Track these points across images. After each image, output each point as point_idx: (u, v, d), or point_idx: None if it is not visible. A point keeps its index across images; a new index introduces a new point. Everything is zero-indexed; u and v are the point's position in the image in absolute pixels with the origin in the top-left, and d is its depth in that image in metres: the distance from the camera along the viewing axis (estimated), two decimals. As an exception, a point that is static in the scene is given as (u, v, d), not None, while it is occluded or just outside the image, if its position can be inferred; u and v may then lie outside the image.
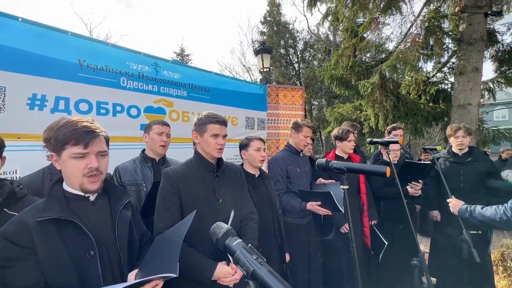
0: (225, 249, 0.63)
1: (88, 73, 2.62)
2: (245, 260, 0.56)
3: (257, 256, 0.57)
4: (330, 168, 1.11)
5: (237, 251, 0.58)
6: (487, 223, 1.70)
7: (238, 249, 0.59)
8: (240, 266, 0.56)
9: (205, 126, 1.44)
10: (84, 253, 0.97)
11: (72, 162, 0.98)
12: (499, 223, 1.64)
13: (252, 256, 0.56)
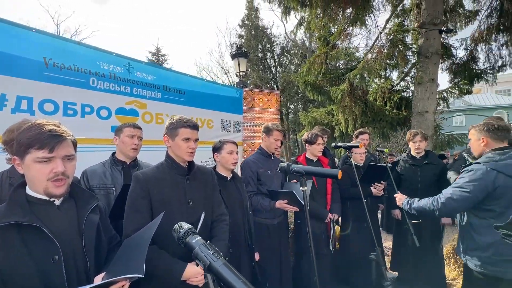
0: (186, 246, 0.68)
1: (55, 72, 2.52)
2: (203, 255, 0.62)
3: (214, 251, 0.63)
4: (291, 172, 1.21)
5: (196, 247, 0.64)
6: (422, 213, 1.98)
7: (197, 246, 0.65)
8: (199, 260, 0.62)
9: (176, 130, 1.47)
10: (48, 258, 0.96)
11: (36, 166, 0.97)
12: (429, 212, 1.92)
13: (209, 251, 0.62)
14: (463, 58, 5.82)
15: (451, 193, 1.85)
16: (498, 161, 1.72)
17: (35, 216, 0.98)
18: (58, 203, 1.07)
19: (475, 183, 1.73)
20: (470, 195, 1.74)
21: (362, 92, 4.91)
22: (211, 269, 0.59)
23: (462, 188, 1.79)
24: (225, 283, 0.56)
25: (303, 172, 1.17)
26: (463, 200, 1.78)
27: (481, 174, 1.73)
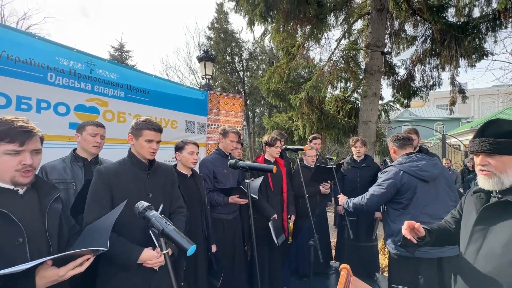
0: (145, 219, 0.88)
1: (8, 65, 2.45)
2: (158, 223, 0.82)
3: (166, 221, 0.84)
4: (238, 167, 1.46)
5: (152, 219, 0.85)
6: (357, 209, 2.39)
7: (153, 217, 0.85)
8: (154, 228, 0.83)
9: (141, 131, 1.62)
10: (12, 240, 1.07)
11: (5, 158, 1.07)
12: (360, 207, 2.34)
13: (162, 221, 0.83)
14: (404, 76, 6.73)
15: (373, 190, 2.31)
16: (404, 164, 2.19)
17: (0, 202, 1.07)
18: (22, 192, 1.17)
19: (389, 181, 2.17)
20: (385, 191, 2.19)
21: (318, 101, 5.41)
22: (163, 233, 0.80)
23: (380, 185, 2.24)
24: (175, 242, 0.77)
25: (247, 167, 1.42)
26: (381, 195, 2.23)
27: (392, 174, 2.18)
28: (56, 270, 0.99)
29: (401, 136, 2.33)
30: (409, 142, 2.31)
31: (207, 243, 2.30)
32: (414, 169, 2.17)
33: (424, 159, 2.22)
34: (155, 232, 0.82)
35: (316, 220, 3.64)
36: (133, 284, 1.49)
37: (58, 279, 0.99)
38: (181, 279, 1.96)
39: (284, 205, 3.27)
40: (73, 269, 1.01)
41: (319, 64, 4.75)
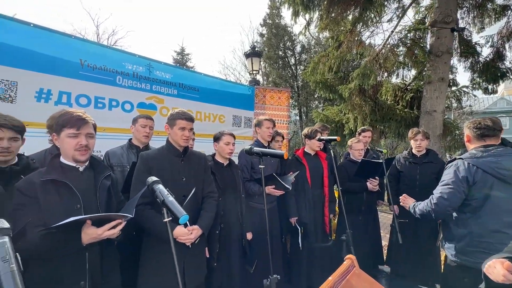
0: (152, 191, 1.01)
1: (88, 71, 3.02)
2: (160, 195, 0.94)
3: (168, 193, 0.95)
4: (252, 153, 1.49)
5: (157, 191, 0.97)
6: (425, 217, 2.01)
7: (158, 190, 0.97)
8: (158, 199, 0.94)
9: (175, 120, 1.82)
10: (72, 206, 1.35)
11: (67, 139, 1.37)
12: (427, 215, 1.95)
13: (164, 193, 0.94)
14: (489, 56, 5.56)
15: (440, 192, 1.87)
16: (480, 158, 1.78)
17: (65, 176, 1.38)
18: (81, 169, 1.46)
19: (458, 178, 1.78)
20: (454, 190, 1.78)
21: (372, 91, 4.95)
22: (163, 203, 0.91)
23: (449, 185, 1.82)
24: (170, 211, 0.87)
25: (260, 153, 1.45)
26: (452, 196, 1.80)
27: (462, 169, 1.80)
28: (95, 229, 1.23)
29: (484, 124, 1.82)
30: (493, 132, 1.81)
31: (242, 230, 2.41)
32: (493, 165, 1.71)
33: (508, 155, 1.75)
34: (158, 202, 0.94)
35: (362, 219, 3.40)
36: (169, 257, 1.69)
37: (98, 237, 1.22)
38: (214, 260, 2.11)
39: (326, 200, 3.14)
40: (109, 230, 1.23)
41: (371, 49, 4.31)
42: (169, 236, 0.93)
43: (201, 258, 1.92)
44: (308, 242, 2.95)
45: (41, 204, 1.28)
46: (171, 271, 1.66)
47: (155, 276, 1.65)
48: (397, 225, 2.39)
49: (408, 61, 4.05)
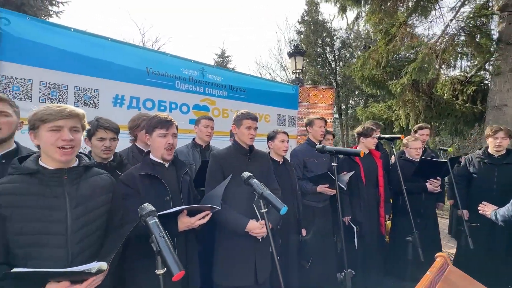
0: (248, 185, 1.12)
1: (153, 78, 3.34)
2: (258, 188, 1.04)
3: (265, 186, 1.04)
4: (325, 151, 1.53)
5: (254, 184, 1.07)
6: (507, 221, 1.85)
7: (255, 184, 1.07)
8: (256, 192, 1.05)
9: (241, 120, 1.95)
10: (163, 197, 1.55)
11: (159, 139, 1.57)
12: (509, 222, 1.80)
13: (261, 186, 1.04)
14: None
15: None
16: None
17: (155, 171, 1.58)
18: (167, 165, 1.65)
19: None
20: None
21: (427, 85, 4.61)
22: (262, 195, 1.01)
23: None
24: (271, 203, 0.97)
25: (334, 151, 1.48)
26: None
27: None
28: (189, 218, 1.39)
29: None
30: None
31: (298, 226, 2.47)
32: None
33: None
34: (255, 195, 1.04)
35: (421, 222, 3.20)
36: (242, 247, 1.83)
37: (190, 225, 1.39)
38: (277, 253, 2.20)
39: (381, 200, 3.04)
40: (200, 220, 1.39)
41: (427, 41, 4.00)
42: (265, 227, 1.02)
43: (268, 252, 2.03)
44: (363, 242, 2.90)
45: (141, 195, 1.49)
46: (244, 262, 1.82)
47: (229, 267, 1.79)
48: (467, 229, 2.23)
49: (471, 51, 3.68)
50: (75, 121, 1.12)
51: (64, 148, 1.08)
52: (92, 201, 1.19)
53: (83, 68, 2.82)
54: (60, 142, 1.06)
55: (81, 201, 1.14)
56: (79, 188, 1.15)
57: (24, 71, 2.50)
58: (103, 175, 1.31)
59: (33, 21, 2.61)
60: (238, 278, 1.82)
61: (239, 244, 1.79)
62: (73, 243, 1.07)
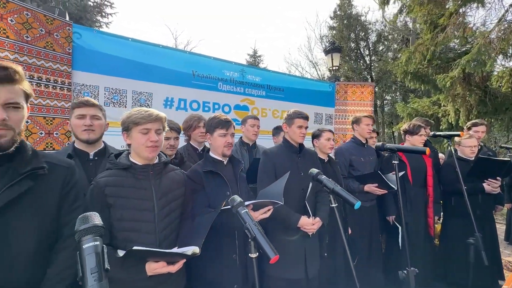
0: (317, 181, 1.17)
1: (198, 80, 3.54)
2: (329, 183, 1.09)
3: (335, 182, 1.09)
4: (385, 149, 1.52)
5: (324, 180, 1.12)
6: None
7: (325, 180, 1.13)
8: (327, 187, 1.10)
9: (293, 119, 2.00)
10: (225, 192, 1.66)
11: (219, 138, 1.69)
12: None
13: (332, 182, 1.09)
14: None
15: None
16: None
17: (216, 168, 1.70)
18: (225, 162, 1.77)
19: None
20: None
21: (480, 78, 4.25)
22: (333, 191, 1.06)
23: None
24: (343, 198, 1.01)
25: (395, 148, 1.46)
26: None
27: None
28: (253, 213, 1.48)
29: None
30: None
31: (345, 224, 2.47)
32: None
33: None
34: (326, 190, 1.09)
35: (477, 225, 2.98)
36: (292, 243, 1.89)
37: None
38: (324, 250, 2.23)
39: (430, 201, 2.90)
40: (262, 214, 1.48)
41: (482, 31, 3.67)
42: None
43: (317, 249, 2.07)
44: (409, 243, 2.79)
45: (206, 190, 1.62)
46: (295, 256, 1.88)
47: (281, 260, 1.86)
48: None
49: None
50: (159, 124, 1.28)
51: (151, 148, 1.23)
52: (171, 193, 1.33)
53: (139, 74, 3.09)
54: (149, 142, 1.22)
55: (163, 193, 1.29)
56: (161, 182, 1.30)
57: (92, 78, 2.81)
58: (177, 170, 1.46)
59: (98, 33, 2.92)
60: (290, 271, 1.88)
61: (289, 239, 1.86)
62: (159, 230, 1.22)
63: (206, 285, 1.48)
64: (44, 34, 2.46)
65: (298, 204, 1.91)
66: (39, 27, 2.42)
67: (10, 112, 0.85)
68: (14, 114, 0.86)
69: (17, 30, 2.28)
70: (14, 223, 0.84)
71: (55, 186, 0.97)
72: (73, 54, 2.69)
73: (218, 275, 1.52)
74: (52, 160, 1.01)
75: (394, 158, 1.45)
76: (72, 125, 1.53)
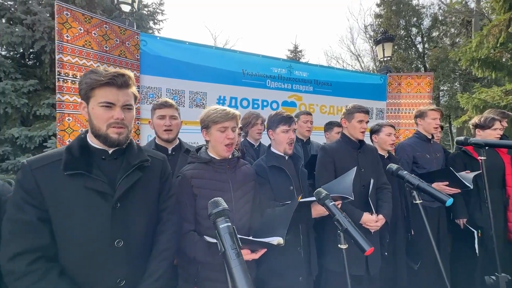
0: (398, 176, 1.14)
1: (247, 78, 3.64)
2: (413, 179, 1.05)
3: (419, 178, 1.05)
4: (469, 144, 1.39)
5: (406, 176, 1.08)
6: None
7: (407, 175, 1.09)
8: (411, 183, 1.06)
9: (353, 114, 1.95)
10: (288, 186, 1.71)
11: (282, 134, 1.73)
12: None
13: (416, 178, 1.05)
14: None
15: None
16: None
17: (280, 162, 1.74)
18: (287, 158, 1.81)
19: None
20: None
21: None
22: (419, 187, 1.02)
23: None
24: (432, 195, 0.96)
25: (483, 143, 1.33)
26: None
27: None
28: (322, 207, 1.49)
29: None
30: None
31: (407, 224, 2.33)
32: None
33: None
34: (410, 186, 1.06)
35: None
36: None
37: (322, 213, 1.49)
38: (385, 249, 2.15)
39: (510, 202, 2.57)
40: None
41: None
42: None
43: (378, 247, 2.00)
44: (486, 249, 2.52)
45: (271, 184, 1.68)
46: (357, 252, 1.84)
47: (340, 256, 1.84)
48: None
49: None
50: (234, 121, 1.36)
51: (229, 145, 1.32)
52: (245, 186, 1.42)
53: (195, 75, 3.29)
54: (226, 140, 1.31)
55: (238, 186, 1.37)
56: (236, 175, 1.40)
57: (156, 81, 3.09)
58: (247, 165, 1.55)
59: (160, 39, 3.19)
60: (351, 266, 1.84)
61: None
62: (236, 221, 1.31)
63: (274, 277, 1.54)
64: (118, 43, 2.78)
65: (358, 200, 1.87)
66: (115, 37, 2.74)
67: (125, 113, 0.99)
68: (128, 114, 1.01)
69: (98, 41, 2.62)
70: (130, 208, 0.99)
71: (155, 176, 1.11)
72: (141, 59, 2.99)
73: (285, 268, 1.57)
74: (150, 153, 1.15)
75: (481, 154, 1.32)
76: (154, 124, 1.72)
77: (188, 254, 1.20)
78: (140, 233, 1.01)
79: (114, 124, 0.95)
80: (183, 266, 1.30)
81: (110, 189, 0.94)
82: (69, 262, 0.89)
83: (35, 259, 0.82)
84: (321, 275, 1.96)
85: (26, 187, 0.85)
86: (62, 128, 2.42)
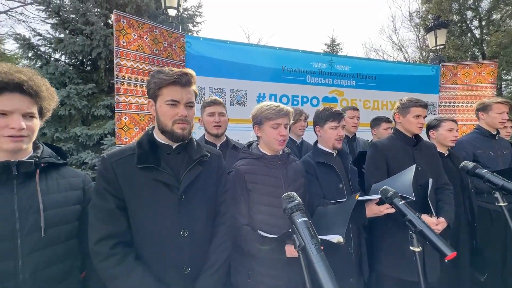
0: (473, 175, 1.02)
1: (287, 75, 3.60)
2: (494, 179, 0.93)
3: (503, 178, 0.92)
4: None
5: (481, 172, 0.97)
6: None
7: (481, 171, 0.97)
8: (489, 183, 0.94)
9: (408, 108, 1.81)
10: (337, 184, 1.64)
11: (330, 131, 1.67)
12: None
13: (499, 178, 0.93)
14: None
15: None
16: None
17: (327, 160, 1.68)
18: (334, 155, 1.74)
19: None
20: None
21: None
22: (504, 187, 0.90)
23: None
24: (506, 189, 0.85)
25: None
26: None
27: None
28: (378, 207, 1.42)
29: None
30: None
31: (471, 229, 2.10)
32: None
33: None
34: (491, 187, 0.94)
35: None
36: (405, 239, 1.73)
37: (378, 213, 1.41)
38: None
39: None
40: (388, 209, 1.39)
41: None
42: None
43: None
44: None
45: (319, 181, 1.63)
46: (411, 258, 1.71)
47: (398, 259, 1.73)
48: None
49: None
50: (287, 118, 1.35)
51: (281, 141, 1.32)
52: (296, 182, 1.40)
53: (236, 73, 3.35)
54: (279, 137, 1.31)
55: (290, 182, 1.36)
56: (287, 172, 1.39)
57: (199, 80, 3.20)
58: (297, 161, 1.53)
59: (203, 40, 3.30)
60: (407, 271, 1.72)
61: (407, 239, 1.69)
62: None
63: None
64: (166, 46, 2.94)
65: (415, 202, 1.72)
66: (163, 41, 2.91)
67: (188, 110, 1.04)
68: (190, 111, 1.06)
69: (149, 45, 2.81)
70: (193, 200, 1.04)
71: (213, 170, 1.15)
72: (186, 60, 3.14)
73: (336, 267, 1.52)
74: (208, 149, 1.19)
75: None
76: (204, 121, 1.79)
77: (243, 248, 1.23)
78: (202, 225, 1.06)
79: (179, 120, 1.01)
80: (236, 258, 1.33)
81: (176, 182, 0.99)
82: (142, 249, 0.96)
83: (115, 244, 0.90)
84: (371, 278, 1.86)
85: (107, 177, 0.94)
86: (120, 126, 2.65)
